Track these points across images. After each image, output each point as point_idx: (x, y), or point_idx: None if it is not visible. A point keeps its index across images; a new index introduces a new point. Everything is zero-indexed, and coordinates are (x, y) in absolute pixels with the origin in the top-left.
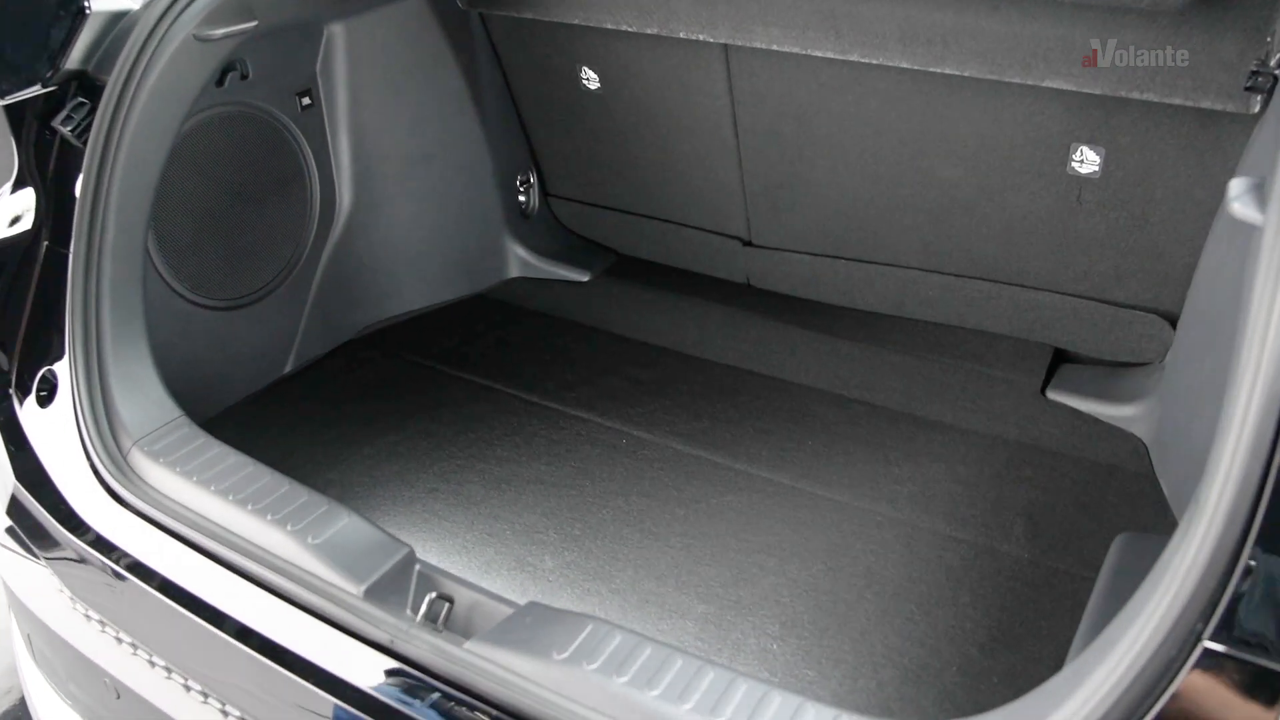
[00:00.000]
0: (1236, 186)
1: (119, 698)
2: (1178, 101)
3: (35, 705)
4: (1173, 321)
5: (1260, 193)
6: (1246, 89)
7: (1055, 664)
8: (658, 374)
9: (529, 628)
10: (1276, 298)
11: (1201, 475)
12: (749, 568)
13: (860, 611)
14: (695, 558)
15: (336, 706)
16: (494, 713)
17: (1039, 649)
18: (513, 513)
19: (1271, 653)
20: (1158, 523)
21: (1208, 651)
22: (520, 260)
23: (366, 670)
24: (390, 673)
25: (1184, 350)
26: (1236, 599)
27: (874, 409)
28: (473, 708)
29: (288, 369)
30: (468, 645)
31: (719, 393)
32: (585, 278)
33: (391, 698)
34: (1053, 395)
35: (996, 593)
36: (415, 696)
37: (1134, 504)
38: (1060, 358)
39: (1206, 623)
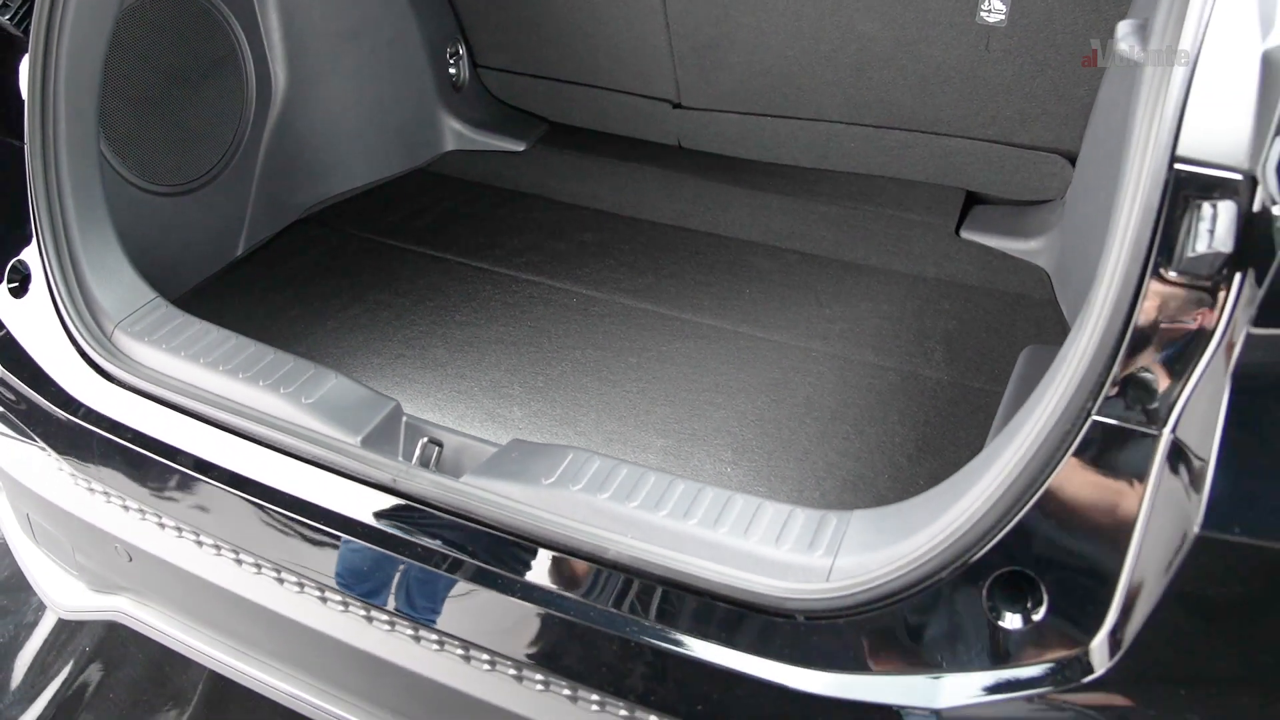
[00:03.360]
0: (1123, 28)
1: (131, 560)
2: None
3: (36, 580)
4: (1073, 160)
5: (1143, 33)
6: None
7: None
8: (600, 236)
9: (516, 460)
10: (1152, 127)
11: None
12: (700, 404)
13: (802, 435)
14: (651, 399)
15: (347, 541)
16: (494, 533)
17: (959, 455)
18: (478, 371)
19: (1151, 421)
20: (1059, 339)
21: (1095, 423)
22: (455, 133)
23: (373, 508)
24: (395, 508)
25: (1081, 185)
26: (1118, 381)
27: (805, 256)
28: (475, 533)
29: (239, 252)
30: (465, 479)
31: (660, 250)
32: (521, 147)
33: (399, 529)
34: (966, 234)
35: (921, 410)
36: (421, 526)
37: (1039, 327)
38: (973, 200)
39: (1095, 400)
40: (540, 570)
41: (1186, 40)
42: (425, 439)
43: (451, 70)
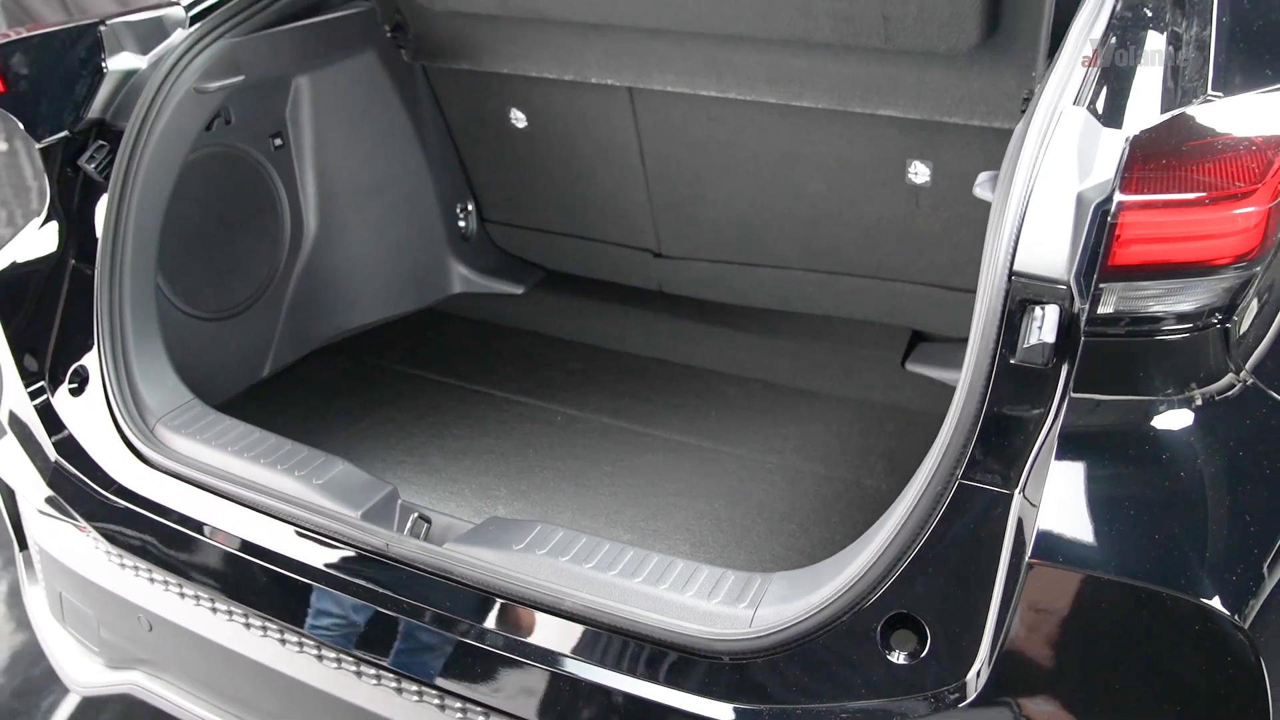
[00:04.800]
0: (981, 177)
1: (151, 629)
2: (978, 123)
3: (57, 659)
4: None
5: (994, 180)
6: (1022, 112)
7: None
8: (586, 366)
9: (491, 533)
10: (997, 248)
11: None
12: (665, 506)
13: (754, 532)
14: (621, 501)
15: (343, 599)
16: (472, 590)
17: None
18: (469, 476)
19: (1005, 482)
20: None
21: (962, 486)
22: (462, 277)
23: (368, 571)
24: (387, 570)
25: None
26: (977, 449)
27: (766, 385)
28: (455, 590)
29: (265, 373)
30: (446, 545)
31: (637, 378)
32: (519, 290)
33: (390, 588)
34: (911, 367)
35: (861, 513)
36: (409, 585)
37: None
38: (918, 336)
39: (960, 466)
40: (509, 621)
41: (1020, 184)
42: (416, 514)
43: (461, 223)
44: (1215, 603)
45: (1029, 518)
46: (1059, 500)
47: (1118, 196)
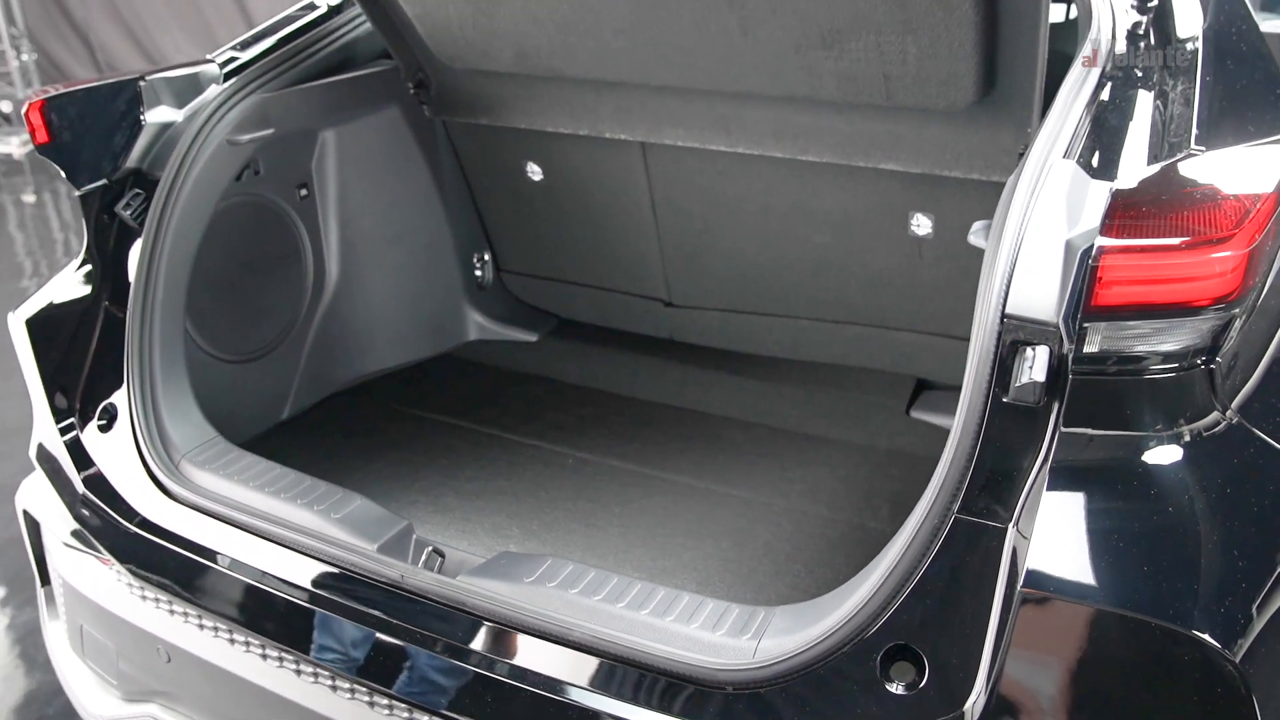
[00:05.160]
0: (976, 226)
1: (169, 661)
2: (977, 177)
3: (75, 692)
4: None
5: (988, 229)
6: None
7: None
8: (597, 411)
9: (503, 566)
10: (989, 291)
11: None
12: (672, 547)
13: (759, 573)
14: (629, 542)
15: (358, 630)
16: (482, 622)
17: None
18: (482, 515)
19: (999, 516)
20: None
21: (958, 520)
22: (477, 325)
23: (382, 602)
24: (402, 601)
25: None
26: (972, 484)
27: (774, 430)
28: (467, 621)
29: (284, 415)
30: (459, 578)
31: (648, 422)
32: (533, 338)
33: (404, 619)
34: (915, 414)
35: (865, 555)
36: (423, 616)
37: None
38: (923, 384)
39: (956, 501)
40: (520, 652)
41: (1011, 232)
42: (430, 548)
43: (477, 272)
44: (1206, 635)
45: (1022, 550)
46: (1051, 533)
47: (1099, 240)
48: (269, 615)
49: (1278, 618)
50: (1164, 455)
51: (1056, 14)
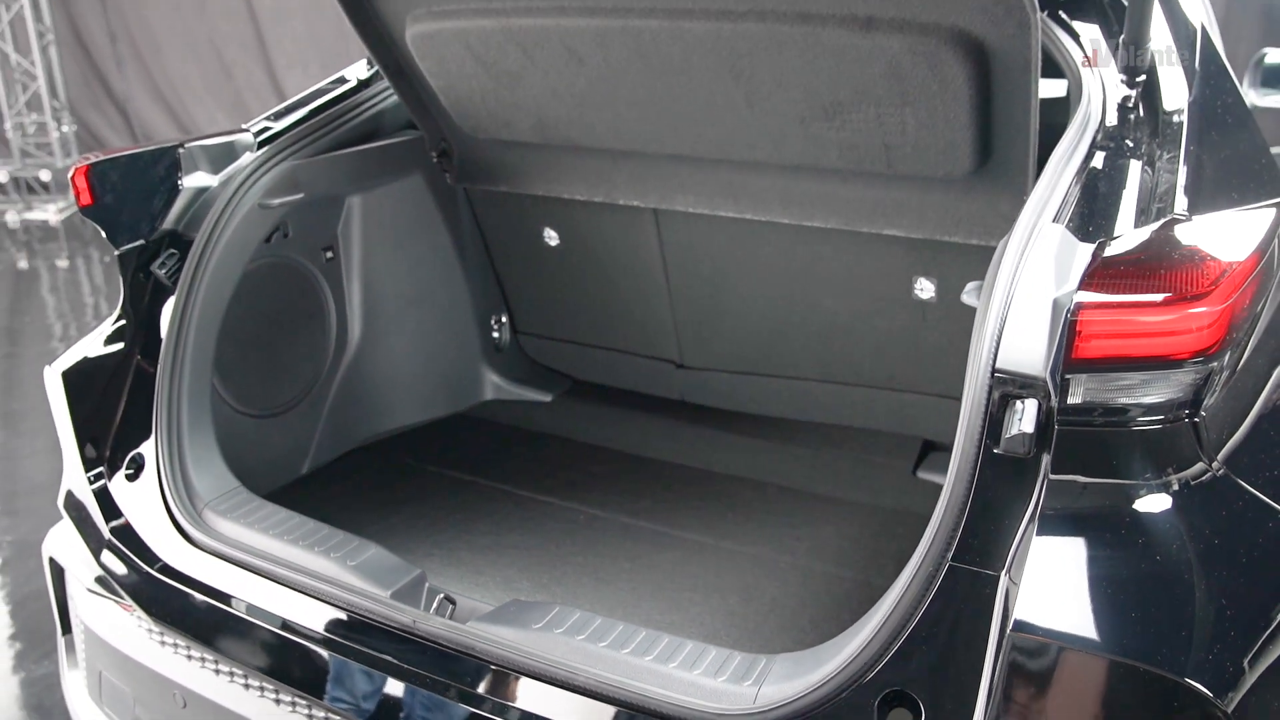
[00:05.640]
0: (969, 286)
1: (185, 706)
2: (976, 242)
3: None
4: None
5: (980, 290)
6: None
7: None
8: (608, 469)
9: (512, 613)
10: (981, 348)
11: None
12: (680, 601)
13: (766, 628)
14: (638, 596)
15: (369, 674)
16: (490, 667)
17: None
18: (494, 568)
19: (991, 564)
20: None
21: (952, 568)
22: (494, 385)
23: (394, 647)
24: (413, 646)
25: None
26: (965, 532)
27: (782, 489)
28: (476, 666)
29: (304, 470)
30: (469, 624)
31: (658, 481)
32: (548, 398)
33: (414, 664)
34: (922, 475)
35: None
36: (433, 660)
37: None
38: (929, 446)
39: (950, 549)
40: (527, 696)
41: (1001, 291)
42: (442, 595)
43: (495, 334)
44: (1199, 684)
45: (1014, 596)
46: (1041, 579)
47: (1077, 296)
48: (282, 659)
49: (1270, 671)
50: (1152, 504)
51: (1050, 89)
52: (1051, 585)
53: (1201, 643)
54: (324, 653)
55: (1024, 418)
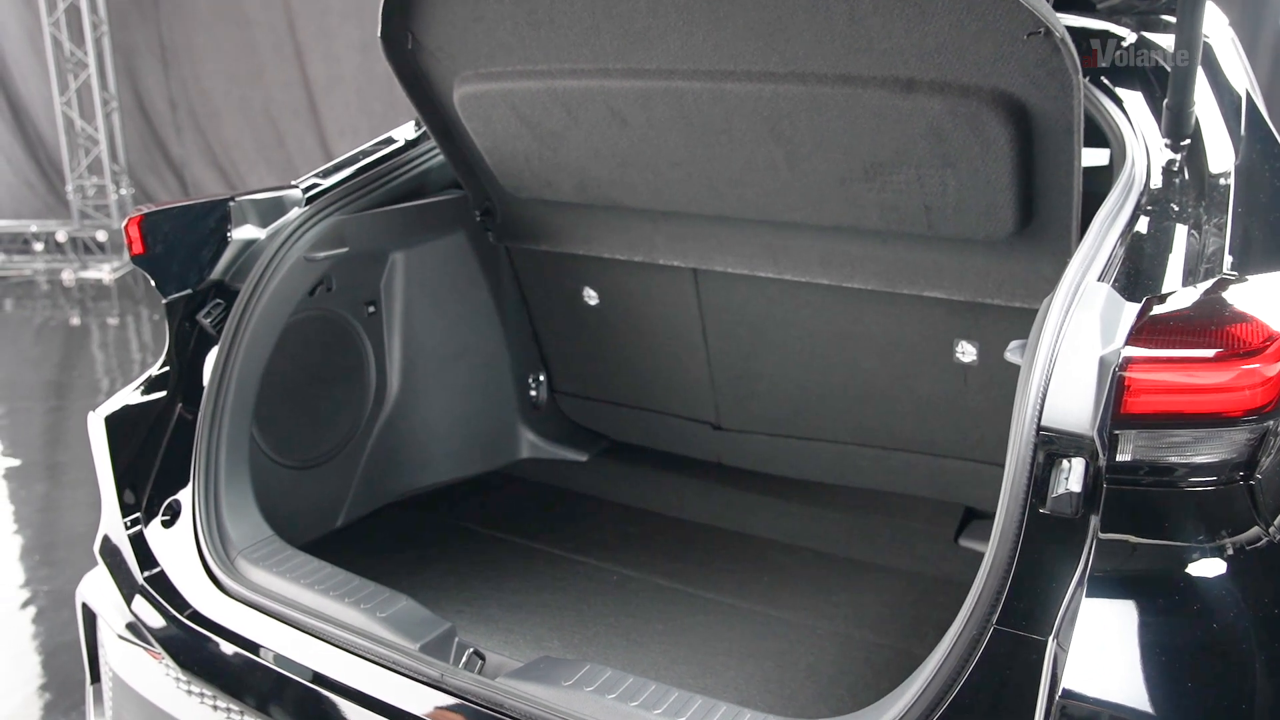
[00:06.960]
0: (1012, 344)
1: None
2: (1019, 305)
3: None
4: None
5: (1023, 348)
6: None
7: None
8: (643, 530)
9: (542, 670)
10: (1026, 406)
11: None
12: (714, 665)
13: (802, 695)
14: (671, 658)
15: None
16: None
17: None
18: (524, 626)
19: (1037, 628)
20: None
21: (996, 631)
22: (530, 443)
23: (421, 700)
24: (441, 701)
25: None
26: (1010, 595)
27: (819, 554)
28: None
29: (339, 523)
30: (498, 680)
31: (693, 543)
32: (584, 458)
33: (440, 718)
34: (964, 543)
35: None
36: (460, 715)
37: None
38: (971, 513)
39: (995, 612)
40: None
41: (1045, 348)
42: (471, 650)
43: (532, 392)
44: None
45: (1062, 663)
46: (1091, 645)
47: (1125, 350)
48: (308, 710)
49: None
50: (1207, 568)
51: (1092, 158)
52: (1102, 651)
53: (1261, 718)
54: (350, 704)
55: (1071, 477)
